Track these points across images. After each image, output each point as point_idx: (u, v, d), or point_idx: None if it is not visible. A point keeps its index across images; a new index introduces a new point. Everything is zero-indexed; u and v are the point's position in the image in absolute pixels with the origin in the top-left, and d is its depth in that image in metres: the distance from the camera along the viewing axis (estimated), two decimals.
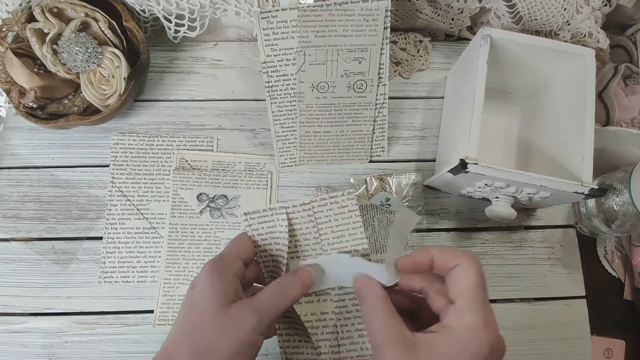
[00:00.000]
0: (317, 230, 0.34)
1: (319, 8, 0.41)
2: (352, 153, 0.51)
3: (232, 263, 0.31)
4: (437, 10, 0.52)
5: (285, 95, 0.46)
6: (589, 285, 0.49)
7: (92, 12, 0.46)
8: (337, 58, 0.44)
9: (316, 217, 0.34)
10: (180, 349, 0.29)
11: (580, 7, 0.47)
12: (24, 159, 0.50)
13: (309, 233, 0.34)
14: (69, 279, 0.47)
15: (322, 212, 0.34)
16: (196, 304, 0.30)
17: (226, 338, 0.28)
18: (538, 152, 0.48)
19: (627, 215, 0.46)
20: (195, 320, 0.29)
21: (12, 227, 0.48)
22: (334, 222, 0.34)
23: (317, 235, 0.34)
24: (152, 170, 0.50)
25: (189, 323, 0.29)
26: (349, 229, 0.34)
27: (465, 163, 0.39)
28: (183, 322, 0.30)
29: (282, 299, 0.31)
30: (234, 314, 0.29)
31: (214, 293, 0.29)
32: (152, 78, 0.53)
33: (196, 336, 0.29)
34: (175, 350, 0.29)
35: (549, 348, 0.47)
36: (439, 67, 0.55)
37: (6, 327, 0.45)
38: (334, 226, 0.34)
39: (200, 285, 0.30)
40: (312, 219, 0.34)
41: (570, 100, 0.45)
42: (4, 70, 0.46)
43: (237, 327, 0.28)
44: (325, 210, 0.34)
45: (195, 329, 0.29)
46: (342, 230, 0.34)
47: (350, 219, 0.34)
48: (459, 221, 0.50)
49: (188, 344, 0.29)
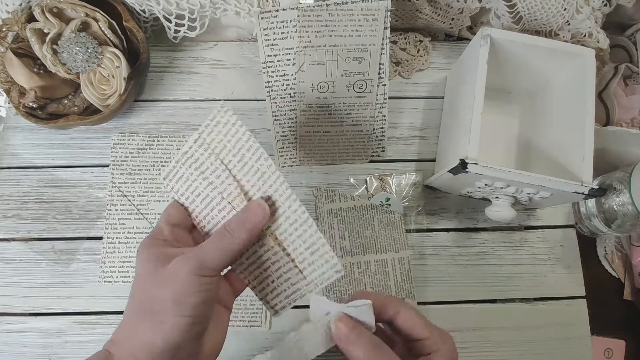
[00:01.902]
0: (220, 162, 0.32)
1: (319, 8, 0.41)
2: (352, 153, 0.51)
3: (159, 230, 0.31)
4: (437, 10, 0.52)
5: (285, 95, 0.46)
6: (589, 285, 0.49)
7: (92, 12, 0.46)
8: (337, 58, 0.44)
9: (212, 148, 0.32)
10: (126, 310, 0.29)
11: (580, 7, 0.47)
12: (24, 159, 0.50)
13: (216, 169, 0.32)
14: (69, 279, 0.47)
15: (213, 139, 0.32)
16: (136, 276, 0.30)
17: (165, 286, 0.28)
18: (538, 152, 0.48)
19: (627, 215, 0.46)
20: (136, 286, 0.30)
21: (12, 227, 0.48)
22: (229, 145, 0.32)
23: (223, 168, 0.32)
24: (152, 170, 0.50)
25: (133, 291, 0.30)
26: (242, 149, 0.31)
27: (465, 163, 0.39)
28: (130, 297, 0.30)
29: (226, 244, 0.29)
30: (171, 266, 0.28)
31: (149, 260, 0.29)
32: (152, 78, 0.53)
33: (138, 296, 0.29)
34: (124, 316, 0.30)
35: (549, 348, 0.47)
36: (439, 67, 0.55)
37: (6, 327, 0.45)
38: (231, 148, 0.32)
39: (137, 262, 0.30)
40: (210, 153, 0.32)
41: (570, 100, 0.45)
42: (4, 70, 0.46)
43: (174, 274, 0.28)
44: (215, 135, 0.32)
45: (137, 292, 0.29)
46: (239, 150, 0.32)
47: (238, 135, 0.31)
48: (459, 221, 0.50)
49: (131, 303, 0.29)
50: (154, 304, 0.28)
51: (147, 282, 0.29)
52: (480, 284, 0.49)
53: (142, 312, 0.28)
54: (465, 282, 0.49)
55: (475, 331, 0.47)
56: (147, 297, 0.28)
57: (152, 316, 0.28)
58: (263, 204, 0.31)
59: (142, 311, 0.28)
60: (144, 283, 0.29)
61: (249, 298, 0.47)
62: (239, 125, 0.32)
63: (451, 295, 0.48)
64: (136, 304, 0.29)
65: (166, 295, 0.28)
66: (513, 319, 0.48)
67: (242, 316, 0.46)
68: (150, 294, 0.28)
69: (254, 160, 0.31)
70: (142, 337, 0.28)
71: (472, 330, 0.47)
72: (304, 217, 0.31)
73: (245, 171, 0.32)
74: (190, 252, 0.29)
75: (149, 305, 0.28)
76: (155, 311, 0.28)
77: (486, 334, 0.47)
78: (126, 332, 0.29)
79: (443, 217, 0.51)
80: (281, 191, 0.31)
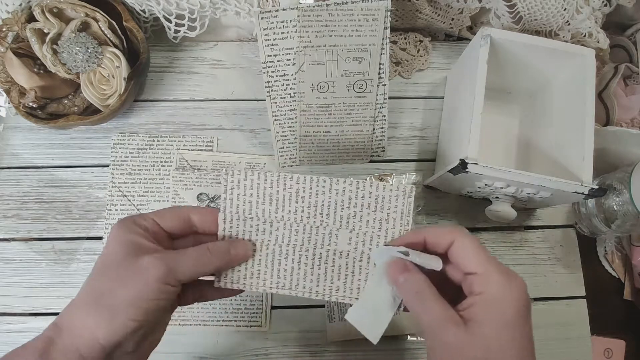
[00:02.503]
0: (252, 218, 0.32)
1: (319, 8, 0.41)
2: (352, 153, 0.51)
3: (143, 218, 0.30)
4: (437, 10, 0.52)
5: (285, 95, 0.46)
6: (589, 285, 0.49)
7: (92, 12, 0.46)
8: (337, 58, 0.44)
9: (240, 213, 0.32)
10: (79, 293, 0.28)
11: (580, 7, 0.47)
12: (24, 159, 0.50)
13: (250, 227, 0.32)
14: (69, 279, 0.47)
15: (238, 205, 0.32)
16: (103, 255, 0.29)
17: (127, 283, 0.27)
18: (538, 152, 0.48)
19: (627, 215, 0.46)
20: (99, 268, 0.29)
21: (12, 227, 0.48)
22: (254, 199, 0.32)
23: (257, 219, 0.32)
24: (152, 170, 0.50)
25: (94, 272, 0.29)
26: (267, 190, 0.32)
27: (465, 163, 0.39)
28: (89, 276, 0.29)
29: (203, 262, 0.30)
30: (140, 263, 0.28)
31: (121, 244, 0.28)
32: (152, 78, 0.53)
33: (97, 281, 0.28)
34: (78, 295, 0.28)
35: (549, 348, 0.47)
36: (439, 67, 0.55)
37: (6, 327, 0.45)
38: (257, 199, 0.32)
39: (108, 239, 0.29)
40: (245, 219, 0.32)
41: (570, 100, 0.45)
42: (4, 70, 0.46)
43: (141, 273, 0.27)
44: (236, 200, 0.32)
45: (97, 276, 0.28)
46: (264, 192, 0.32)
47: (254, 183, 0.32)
48: (459, 221, 0.50)
49: (87, 286, 0.28)
50: (109, 297, 0.27)
51: (110, 270, 0.28)
52: None
53: (95, 304, 0.27)
54: None
55: None
56: (105, 288, 0.28)
57: (103, 311, 0.27)
58: (249, 247, 0.32)
59: (95, 302, 0.27)
60: (107, 269, 0.28)
61: (249, 298, 0.47)
62: (250, 175, 0.32)
63: None
64: (91, 290, 0.28)
65: (125, 294, 0.27)
66: None
67: (242, 316, 0.46)
68: (109, 286, 0.27)
69: (282, 191, 0.32)
70: (87, 332, 0.27)
71: None
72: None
73: (282, 206, 0.32)
74: (165, 255, 0.28)
75: (103, 297, 0.27)
76: (107, 305, 0.27)
77: None
78: (72, 320, 0.28)
79: (443, 217, 0.51)
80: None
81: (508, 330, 0.26)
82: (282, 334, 0.46)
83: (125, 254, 0.28)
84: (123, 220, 0.30)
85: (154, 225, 0.31)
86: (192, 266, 0.29)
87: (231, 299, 0.47)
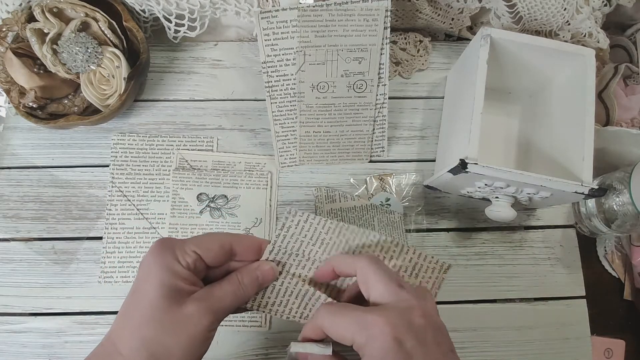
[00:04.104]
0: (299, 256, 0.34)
1: (319, 8, 0.41)
2: (352, 153, 0.51)
3: (185, 254, 0.29)
4: (437, 10, 0.52)
5: (285, 95, 0.46)
6: (589, 285, 0.49)
7: (92, 12, 0.46)
8: (337, 58, 0.44)
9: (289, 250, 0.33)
10: (128, 342, 0.27)
11: (580, 7, 0.47)
12: (24, 159, 0.50)
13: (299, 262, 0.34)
14: (69, 279, 0.47)
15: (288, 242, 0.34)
16: (144, 297, 0.28)
17: (179, 335, 0.27)
18: (538, 152, 0.48)
19: (627, 215, 0.46)
20: (145, 314, 0.28)
21: (12, 227, 0.48)
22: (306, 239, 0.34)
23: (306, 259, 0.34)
24: (152, 170, 0.50)
25: (138, 316, 0.28)
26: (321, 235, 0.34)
27: (465, 163, 0.39)
28: (131, 314, 0.28)
29: (239, 298, 0.30)
30: (188, 312, 0.28)
31: (162, 288, 0.28)
32: (152, 78, 0.53)
33: (146, 331, 0.27)
34: (122, 342, 0.27)
35: (549, 348, 0.47)
36: (439, 67, 0.55)
37: (6, 327, 0.45)
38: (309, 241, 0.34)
39: (147, 276, 0.28)
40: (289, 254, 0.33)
41: (570, 100, 0.45)
42: (4, 70, 0.46)
43: (191, 325, 0.28)
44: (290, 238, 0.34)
45: (144, 324, 0.27)
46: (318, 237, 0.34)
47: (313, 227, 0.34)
48: (459, 221, 0.50)
49: (137, 337, 0.27)
50: (159, 349, 0.27)
51: (154, 319, 0.27)
52: (480, 284, 0.49)
53: (146, 346, 0.27)
54: (465, 282, 0.49)
55: (475, 331, 0.47)
56: (157, 331, 0.27)
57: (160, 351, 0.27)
58: (275, 268, 0.33)
59: (146, 345, 0.27)
60: (155, 311, 0.27)
61: None
62: (311, 219, 0.34)
63: (451, 295, 0.48)
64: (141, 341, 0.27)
65: (176, 344, 0.27)
66: (513, 319, 0.48)
67: (242, 316, 0.46)
68: (158, 339, 0.27)
69: (335, 237, 0.34)
70: None
71: (472, 330, 0.47)
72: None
73: (329, 250, 0.34)
74: (207, 301, 0.29)
75: (158, 339, 0.27)
76: (163, 346, 0.27)
77: (486, 334, 0.47)
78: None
79: (443, 217, 0.51)
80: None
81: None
82: (282, 334, 0.46)
83: (169, 302, 0.28)
84: (163, 252, 0.29)
85: (197, 262, 0.30)
86: (231, 303, 0.30)
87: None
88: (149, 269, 0.29)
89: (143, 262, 0.29)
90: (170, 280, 0.28)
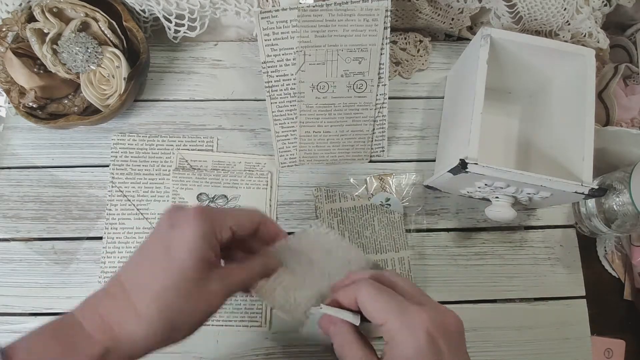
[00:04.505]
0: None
1: (319, 8, 0.41)
2: (352, 153, 0.51)
3: (223, 228, 0.30)
4: (437, 10, 0.52)
5: (285, 95, 0.46)
6: (589, 285, 0.49)
7: (92, 12, 0.46)
8: (337, 58, 0.44)
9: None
10: (145, 300, 0.27)
11: (580, 7, 0.47)
12: (24, 159, 0.50)
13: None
14: (69, 279, 0.47)
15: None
16: (177, 262, 0.28)
17: (200, 309, 0.28)
18: (538, 152, 0.48)
19: (627, 215, 0.46)
20: (175, 280, 0.27)
21: (12, 227, 0.48)
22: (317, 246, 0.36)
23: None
24: (152, 170, 0.50)
25: (164, 278, 0.27)
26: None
27: (465, 163, 0.39)
28: (155, 271, 0.28)
29: (249, 280, 0.31)
30: (212, 289, 0.28)
31: (198, 261, 0.28)
32: (152, 78, 0.53)
33: (171, 297, 0.27)
34: (137, 295, 0.27)
35: (549, 348, 0.47)
36: (439, 67, 0.55)
37: (6, 327, 0.45)
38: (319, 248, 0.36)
39: (185, 242, 0.28)
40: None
41: (570, 100, 0.45)
42: (4, 70, 0.46)
43: (213, 302, 0.29)
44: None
45: (170, 289, 0.27)
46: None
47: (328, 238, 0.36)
48: (459, 221, 0.50)
49: (158, 299, 0.27)
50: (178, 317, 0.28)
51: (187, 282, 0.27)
52: (480, 284, 0.49)
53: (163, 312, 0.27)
54: (465, 282, 0.49)
55: (475, 331, 0.47)
56: (180, 300, 0.27)
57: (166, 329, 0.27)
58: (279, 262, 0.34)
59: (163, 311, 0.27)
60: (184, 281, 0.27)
61: (249, 298, 0.47)
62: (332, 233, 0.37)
63: (451, 295, 0.48)
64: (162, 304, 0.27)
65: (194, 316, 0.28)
66: (513, 319, 0.48)
67: (242, 316, 0.46)
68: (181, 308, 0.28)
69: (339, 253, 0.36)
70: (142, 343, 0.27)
71: (472, 330, 0.47)
72: None
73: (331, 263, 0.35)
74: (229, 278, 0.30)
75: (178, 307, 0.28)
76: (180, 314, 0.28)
77: (486, 334, 0.47)
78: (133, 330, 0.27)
79: (443, 217, 0.51)
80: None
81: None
82: (282, 334, 0.46)
83: (200, 273, 0.28)
84: (204, 224, 0.29)
85: (229, 236, 0.31)
86: (243, 288, 0.31)
87: (231, 299, 0.47)
88: (188, 235, 0.28)
89: (180, 222, 0.29)
90: (206, 254, 0.28)
